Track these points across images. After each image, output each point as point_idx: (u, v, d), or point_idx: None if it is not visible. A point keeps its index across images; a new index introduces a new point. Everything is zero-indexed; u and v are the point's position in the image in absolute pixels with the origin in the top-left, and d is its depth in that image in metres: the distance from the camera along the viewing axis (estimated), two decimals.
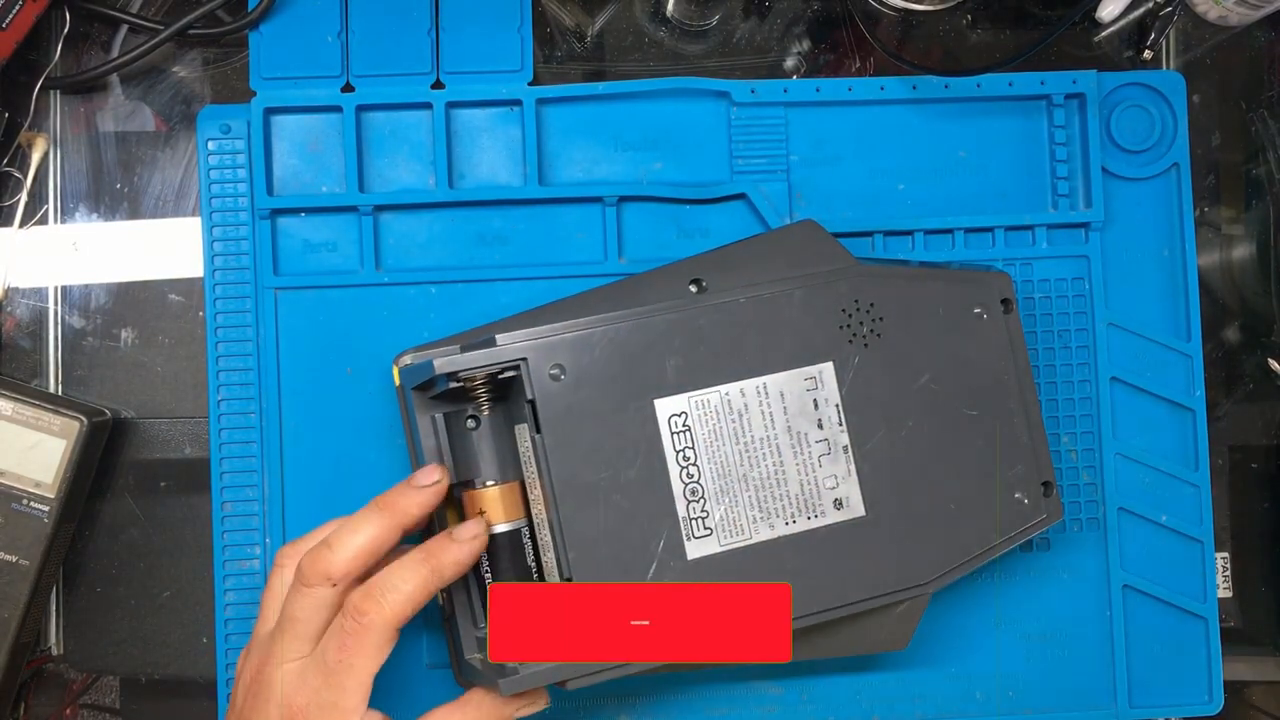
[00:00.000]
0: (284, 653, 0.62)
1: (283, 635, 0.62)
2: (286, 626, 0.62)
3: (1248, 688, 0.82)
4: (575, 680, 0.64)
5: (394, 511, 0.64)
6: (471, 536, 0.64)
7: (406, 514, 0.64)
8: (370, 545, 0.62)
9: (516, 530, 0.67)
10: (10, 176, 0.77)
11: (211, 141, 0.76)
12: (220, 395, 0.75)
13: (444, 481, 0.65)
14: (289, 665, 0.61)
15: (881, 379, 0.68)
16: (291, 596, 0.62)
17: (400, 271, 0.76)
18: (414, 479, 0.65)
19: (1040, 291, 0.78)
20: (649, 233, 0.77)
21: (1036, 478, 0.71)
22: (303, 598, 0.62)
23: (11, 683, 0.73)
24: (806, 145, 0.78)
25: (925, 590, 0.69)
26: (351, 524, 0.63)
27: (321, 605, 0.62)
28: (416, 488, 0.65)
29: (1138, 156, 0.79)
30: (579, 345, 0.65)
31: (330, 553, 0.62)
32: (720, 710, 0.77)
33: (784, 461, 0.67)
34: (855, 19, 0.81)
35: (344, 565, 0.62)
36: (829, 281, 0.68)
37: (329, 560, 0.62)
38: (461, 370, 0.64)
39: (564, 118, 0.77)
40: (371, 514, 0.63)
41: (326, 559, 0.62)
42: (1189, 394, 0.79)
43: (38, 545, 0.72)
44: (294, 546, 0.66)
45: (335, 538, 0.63)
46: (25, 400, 0.72)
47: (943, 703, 0.78)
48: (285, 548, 0.66)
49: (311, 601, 0.62)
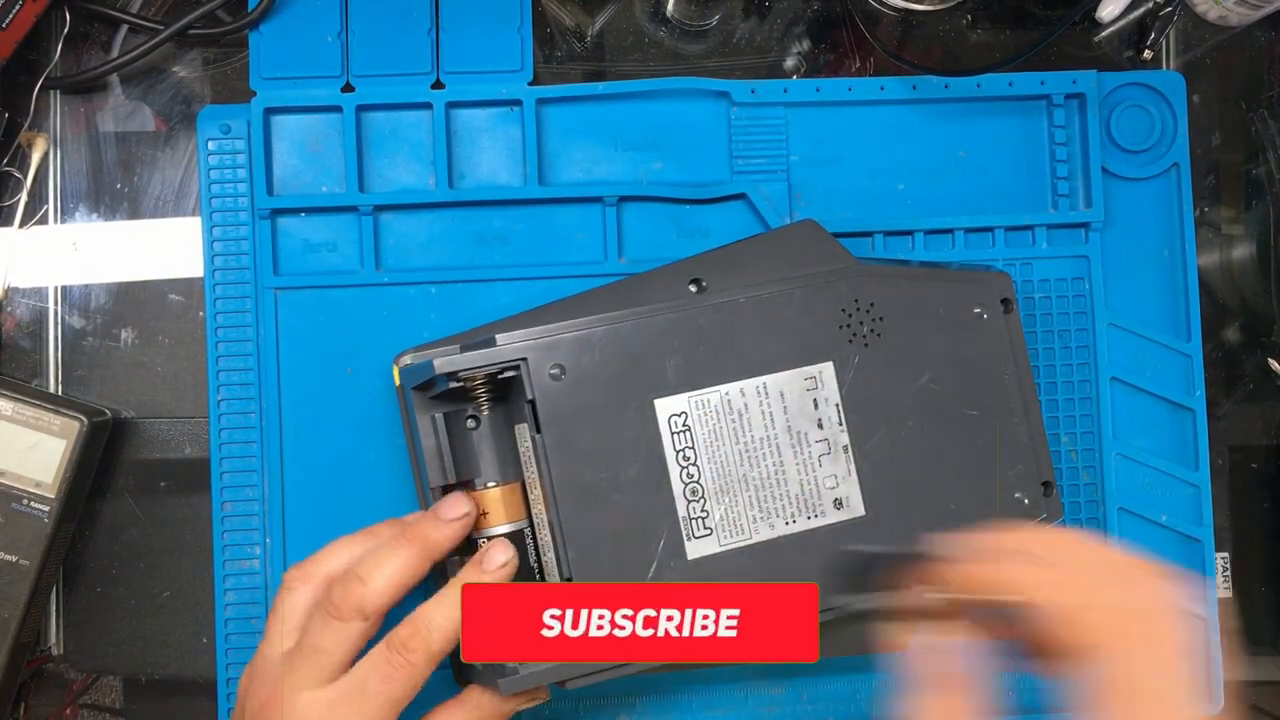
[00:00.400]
0: (305, 682, 0.61)
1: (305, 664, 0.62)
2: (311, 656, 0.62)
3: (1248, 687, 0.82)
4: (575, 680, 0.64)
5: (424, 545, 0.64)
6: (500, 565, 0.64)
7: (438, 547, 0.64)
8: (401, 580, 0.63)
9: (518, 531, 0.67)
10: (10, 176, 0.77)
11: (212, 141, 0.76)
12: (220, 395, 0.75)
13: (472, 514, 0.66)
14: (315, 694, 0.61)
15: (882, 379, 0.69)
16: (319, 627, 0.62)
17: (400, 271, 0.76)
18: (441, 511, 0.65)
19: (1040, 291, 0.78)
20: (649, 233, 0.77)
21: (1036, 478, 0.71)
22: (332, 631, 0.62)
23: (11, 683, 0.73)
24: (806, 145, 0.78)
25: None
26: (380, 556, 0.63)
27: (352, 638, 0.62)
28: (445, 520, 0.65)
29: (1138, 156, 0.79)
30: (579, 345, 0.65)
31: (363, 587, 0.62)
32: (720, 710, 0.77)
33: (784, 461, 0.67)
34: (855, 19, 0.81)
35: (378, 600, 0.62)
36: (829, 281, 0.68)
37: (362, 595, 0.62)
38: (461, 370, 0.64)
39: (564, 118, 0.77)
40: (400, 546, 0.63)
41: (359, 593, 0.62)
42: (1189, 394, 0.79)
43: (38, 545, 0.72)
44: (301, 569, 0.65)
45: (365, 570, 0.63)
46: (25, 400, 0.72)
47: None
48: (293, 570, 0.66)
49: (342, 635, 0.62)
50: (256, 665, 0.64)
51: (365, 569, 0.63)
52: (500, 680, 0.63)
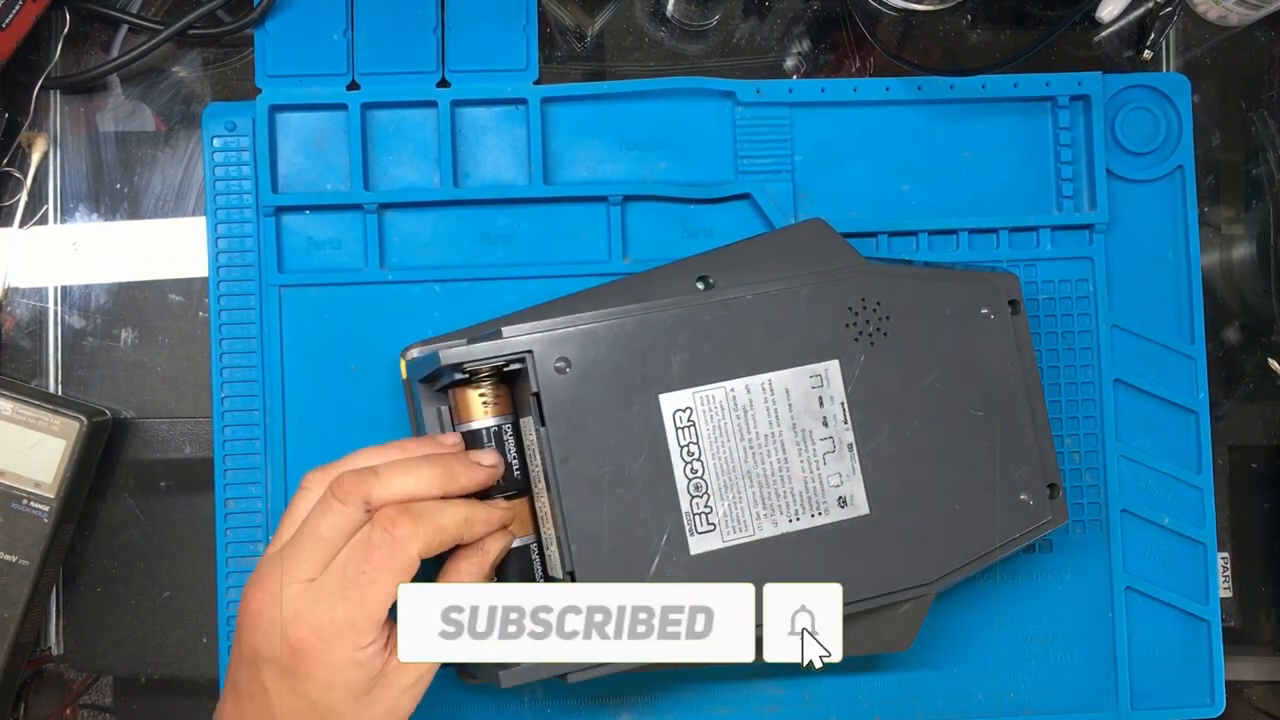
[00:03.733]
0: (294, 570, 0.59)
1: (297, 550, 0.59)
2: (304, 542, 0.59)
3: (1248, 688, 0.82)
4: (575, 675, 0.64)
5: (448, 472, 0.62)
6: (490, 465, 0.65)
7: (456, 481, 0.62)
8: (417, 491, 0.60)
9: (525, 547, 0.67)
10: (10, 176, 0.77)
11: (217, 139, 0.76)
12: (224, 393, 0.75)
13: (499, 469, 0.65)
14: (300, 588, 0.59)
15: (887, 378, 0.68)
16: (318, 511, 0.60)
17: (404, 270, 0.76)
18: (475, 454, 0.65)
19: (1044, 293, 0.78)
20: (653, 232, 0.77)
21: (1042, 479, 0.71)
22: (331, 513, 0.59)
23: (11, 683, 0.73)
24: (811, 145, 0.78)
25: (928, 590, 0.69)
26: (404, 465, 0.61)
27: (348, 525, 0.59)
28: (475, 463, 0.64)
29: (1142, 158, 0.79)
30: (585, 339, 0.65)
31: (377, 481, 0.60)
32: (722, 710, 0.77)
33: (788, 458, 0.67)
34: (855, 19, 0.81)
35: (388, 495, 0.60)
36: (836, 280, 0.68)
37: (373, 484, 0.60)
38: (467, 362, 0.64)
39: (569, 117, 0.77)
40: (425, 465, 0.62)
41: (370, 482, 0.60)
42: (1192, 396, 0.79)
43: (38, 545, 0.72)
44: (323, 472, 0.63)
45: (385, 470, 0.61)
46: (25, 400, 0.72)
47: (944, 704, 0.78)
48: (313, 472, 0.63)
49: (340, 519, 0.59)
50: (259, 565, 0.61)
51: (386, 469, 0.61)
52: (501, 673, 0.63)
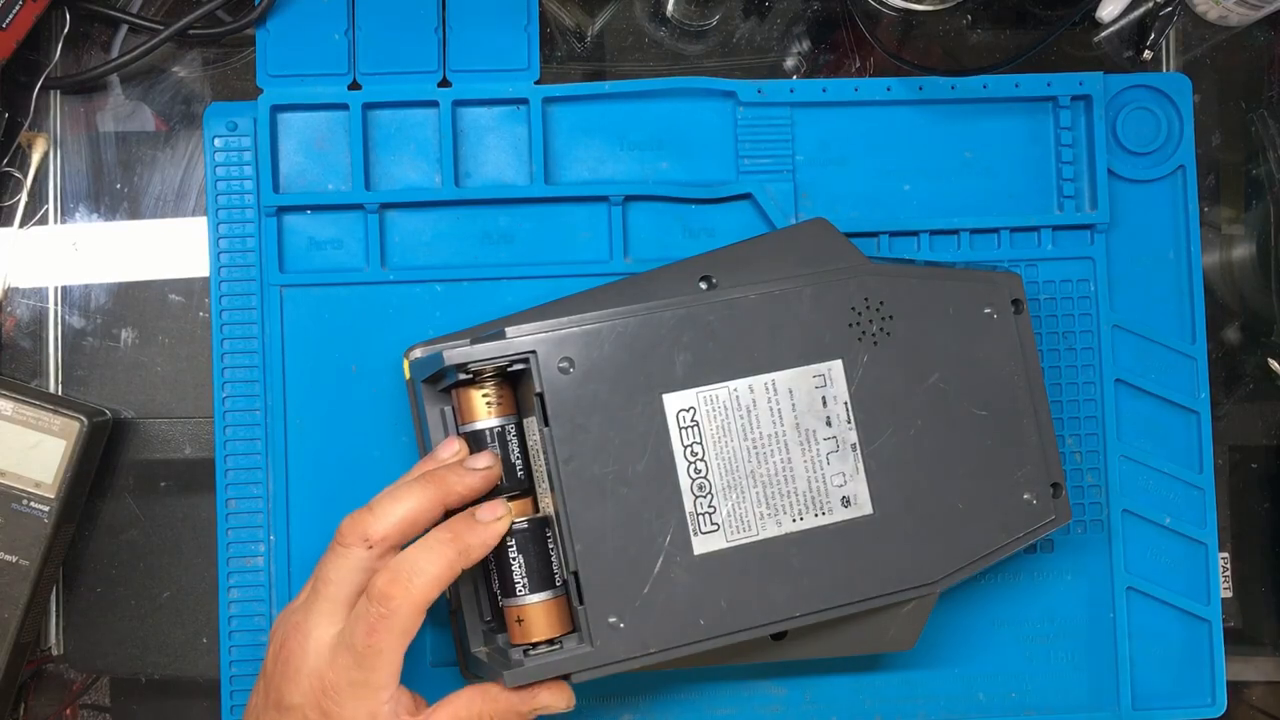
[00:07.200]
0: (315, 619, 0.62)
1: (315, 598, 0.62)
2: (319, 588, 0.62)
3: (1248, 687, 0.82)
4: (579, 674, 0.64)
5: (441, 488, 0.63)
6: (495, 518, 0.63)
7: (453, 492, 0.64)
8: (411, 516, 0.62)
9: (541, 519, 0.67)
10: (10, 176, 0.77)
11: (218, 138, 0.76)
12: (225, 393, 0.75)
13: (496, 469, 0.65)
14: (322, 638, 0.61)
15: (891, 377, 0.68)
16: (326, 558, 0.63)
17: (406, 270, 0.76)
18: (468, 460, 0.65)
19: (1045, 293, 0.78)
20: (654, 232, 0.77)
21: (1045, 479, 0.71)
22: (337, 558, 0.62)
23: (11, 683, 0.73)
24: (812, 145, 0.78)
25: (932, 590, 0.69)
26: (396, 492, 0.63)
27: (356, 568, 0.62)
28: (469, 469, 0.64)
29: (1143, 159, 0.79)
30: (588, 339, 0.64)
31: (370, 516, 0.62)
32: (724, 710, 0.77)
33: (792, 458, 0.67)
34: (855, 19, 0.81)
35: (383, 529, 0.62)
36: (839, 279, 0.68)
37: (368, 523, 0.62)
38: (471, 362, 0.64)
39: (570, 117, 0.77)
40: (417, 486, 0.63)
41: (365, 521, 0.62)
42: (1194, 396, 0.79)
43: (38, 545, 0.72)
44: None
45: (378, 503, 0.63)
46: (25, 400, 0.72)
47: (945, 703, 0.78)
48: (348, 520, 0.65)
49: (346, 563, 0.62)
50: (289, 614, 0.64)
51: (378, 502, 0.63)
52: (505, 672, 0.63)
